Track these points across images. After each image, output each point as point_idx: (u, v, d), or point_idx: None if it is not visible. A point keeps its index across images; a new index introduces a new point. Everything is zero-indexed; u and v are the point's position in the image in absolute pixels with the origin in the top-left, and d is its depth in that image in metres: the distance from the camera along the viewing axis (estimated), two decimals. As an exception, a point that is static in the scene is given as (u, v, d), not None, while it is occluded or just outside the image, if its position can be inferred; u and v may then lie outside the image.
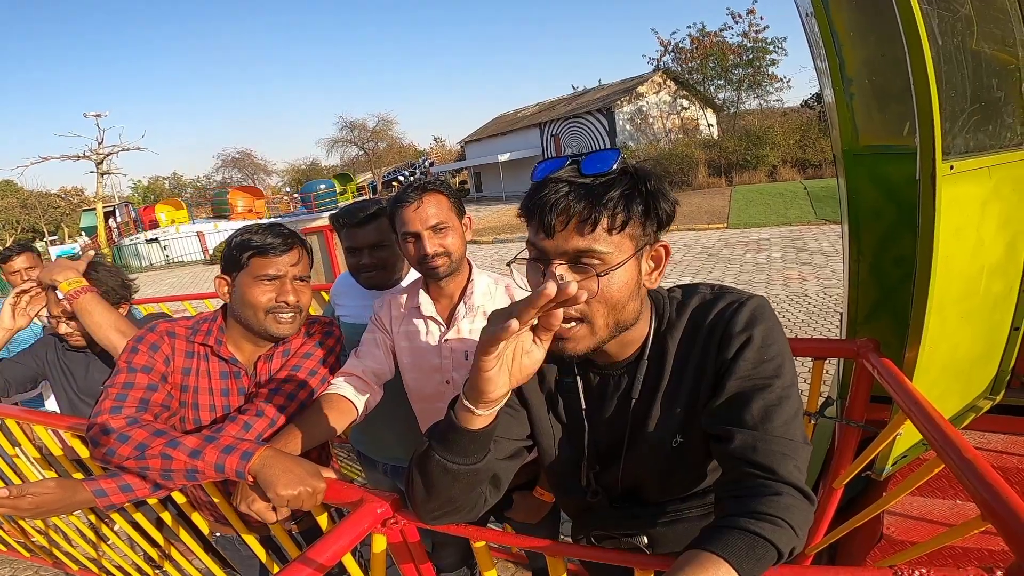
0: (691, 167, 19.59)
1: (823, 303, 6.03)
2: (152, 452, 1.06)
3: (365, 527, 0.87)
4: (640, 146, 23.78)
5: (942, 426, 1.01)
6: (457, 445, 0.77)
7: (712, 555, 0.63)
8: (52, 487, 1.10)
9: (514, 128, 30.43)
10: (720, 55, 23.91)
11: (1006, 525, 0.79)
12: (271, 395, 1.25)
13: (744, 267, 8.37)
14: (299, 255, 1.29)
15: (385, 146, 42.56)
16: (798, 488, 0.70)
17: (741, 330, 0.81)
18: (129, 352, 1.25)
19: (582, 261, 0.77)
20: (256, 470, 1.02)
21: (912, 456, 1.67)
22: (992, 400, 1.71)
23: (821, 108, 20.96)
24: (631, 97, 25.22)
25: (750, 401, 0.77)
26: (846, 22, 1.19)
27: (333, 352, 1.38)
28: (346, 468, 3.23)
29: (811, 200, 13.47)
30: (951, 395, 1.59)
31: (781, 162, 18.53)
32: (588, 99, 28.13)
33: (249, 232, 1.28)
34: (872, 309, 1.68)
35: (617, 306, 0.79)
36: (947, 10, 0.93)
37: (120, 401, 1.15)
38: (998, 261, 1.31)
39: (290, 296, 1.25)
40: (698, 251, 10.13)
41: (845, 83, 1.25)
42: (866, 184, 1.40)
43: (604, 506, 0.98)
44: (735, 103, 25.35)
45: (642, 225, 0.79)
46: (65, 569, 2.48)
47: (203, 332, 1.31)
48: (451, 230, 1.35)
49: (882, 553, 1.69)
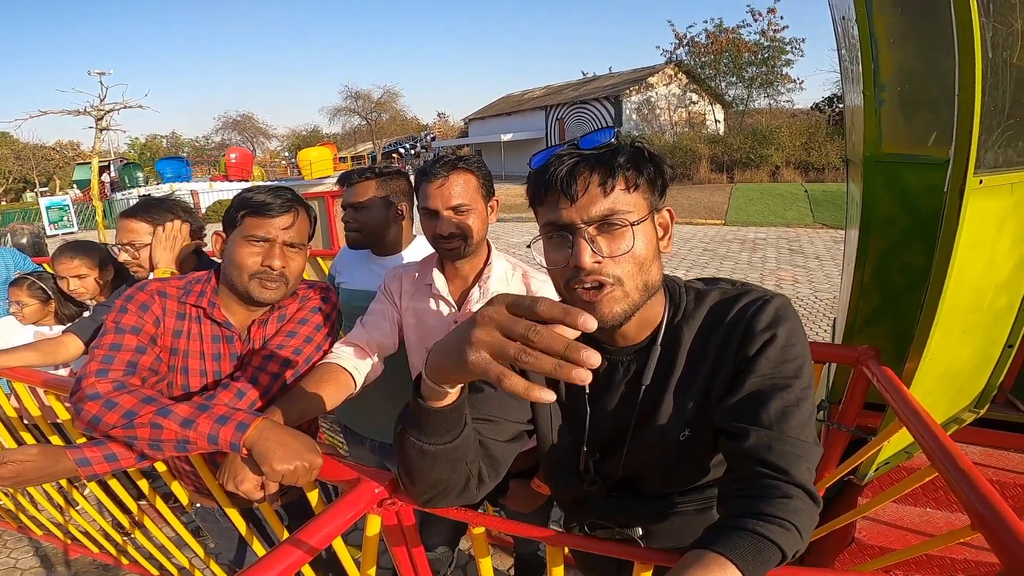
0: (694, 161, 19.50)
1: (813, 306, 6.07)
2: (141, 421, 1.01)
3: (361, 507, 0.85)
4: (645, 136, 23.53)
5: (940, 438, 1.02)
6: (430, 425, 0.74)
7: (719, 556, 0.63)
8: (34, 454, 1.04)
9: (519, 109, 30.07)
10: (735, 52, 23.64)
11: (998, 537, 0.80)
12: (265, 362, 1.21)
13: (739, 265, 8.38)
14: (294, 219, 1.21)
15: (388, 118, 42.03)
16: (808, 491, 0.70)
17: (765, 328, 0.80)
18: (118, 311, 1.18)
19: (609, 222, 0.78)
20: (251, 442, 0.97)
21: (894, 463, 1.69)
22: (976, 413, 1.72)
23: (832, 112, 20.85)
24: (640, 87, 24.94)
25: (768, 400, 0.76)
26: (887, 28, 1.16)
27: (330, 318, 1.33)
28: (328, 440, 3.17)
29: (811, 203, 13.46)
30: (940, 405, 1.60)
31: (784, 163, 18.47)
32: (597, 86, 27.79)
33: (253, 191, 1.22)
34: (872, 315, 1.68)
35: (644, 265, 0.80)
36: (1001, 23, 0.91)
37: (107, 363, 1.09)
38: (1006, 278, 1.31)
39: (276, 261, 1.17)
40: (694, 245, 10.12)
41: (877, 89, 1.23)
42: (882, 191, 1.39)
43: (601, 495, 0.97)
44: (745, 101, 25.14)
45: (651, 187, 0.81)
46: (29, 534, 2.42)
47: (195, 293, 1.25)
48: (473, 212, 1.31)
49: (852, 556, 1.71)
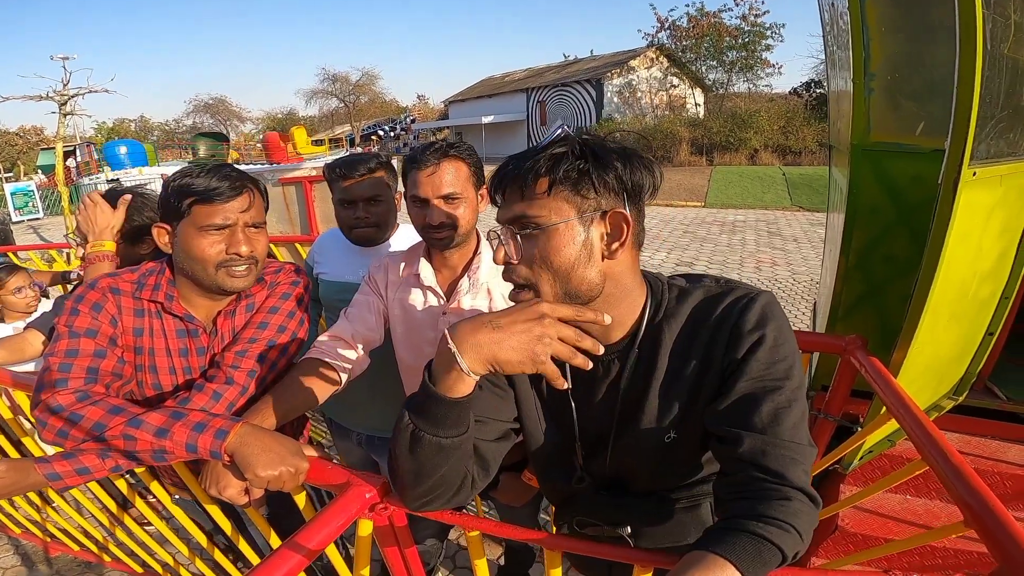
0: (674, 144, 19.58)
1: (792, 288, 6.17)
2: (112, 433, 0.95)
3: (352, 512, 0.83)
4: (626, 119, 23.57)
5: (929, 429, 1.02)
6: (449, 418, 0.74)
7: (718, 557, 0.63)
8: (2, 471, 0.99)
9: (500, 91, 29.77)
10: (716, 36, 23.65)
11: (990, 533, 0.80)
12: (239, 358, 1.13)
13: (719, 247, 8.47)
14: (250, 199, 1.12)
15: (367, 100, 41.27)
16: (806, 493, 0.69)
17: (752, 328, 0.78)
18: (69, 314, 1.08)
19: (521, 225, 0.78)
20: (233, 449, 0.93)
21: (878, 451, 1.71)
22: (955, 400, 1.75)
23: (810, 96, 21.03)
24: (622, 70, 24.85)
25: (760, 403, 0.75)
26: (879, 17, 1.15)
27: (302, 303, 1.25)
28: (313, 433, 3.15)
29: (788, 186, 13.63)
30: (923, 393, 1.63)
31: (763, 146, 18.64)
32: (578, 68, 27.62)
33: (189, 175, 1.09)
34: (857, 302, 1.69)
35: (561, 271, 0.77)
36: (1000, 15, 0.90)
37: (64, 372, 1.01)
38: (991, 267, 1.32)
39: (242, 247, 1.09)
40: (674, 227, 10.20)
41: (867, 77, 1.22)
42: (869, 179, 1.39)
43: (589, 493, 0.97)
44: (724, 84, 25.24)
45: (576, 189, 0.76)
46: (7, 532, 2.36)
47: (150, 287, 1.14)
48: (463, 201, 1.27)
49: (836, 544, 1.74)
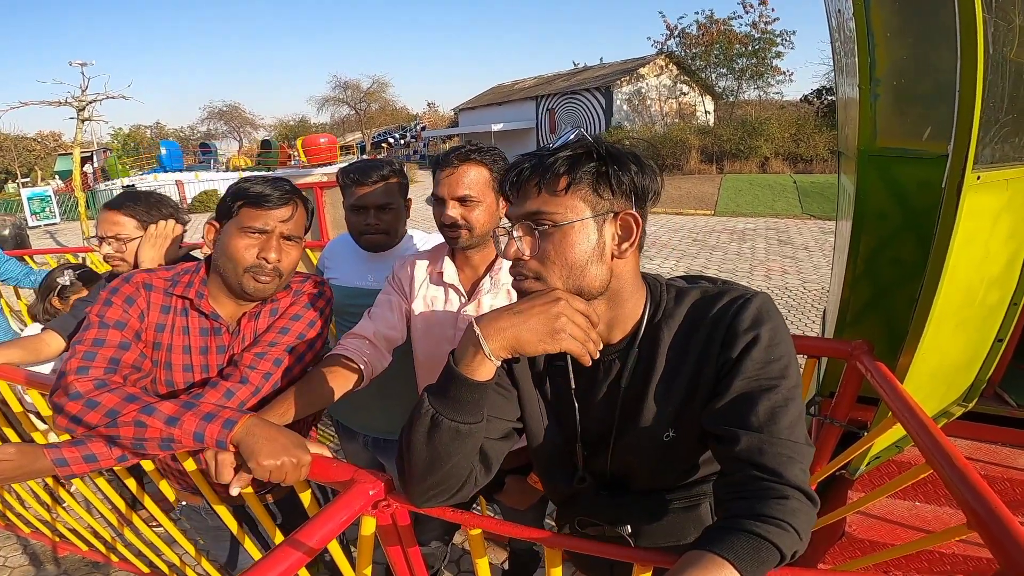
0: (684, 152, 19.50)
1: (802, 297, 6.12)
2: (124, 419, 0.98)
3: (356, 509, 0.84)
4: (635, 127, 23.55)
5: (935, 435, 1.02)
6: (470, 403, 0.78)
7: (716, 557, 0.63)
8: (12, 453, 1.02)
9: (510, 99, 29.86)
10: (726, 43, 23.62)
11: (994, 537, 0.80)
12: (257, 359, 1.17)
13: (728, 255, 8.43)
14: (292, 211, 1.19)
15: (377, 108, 41.67)
16: (803, 492, 0.70)
17: (748, 328, 0.79)
18: (102, 304, 1.13)
19: (535, 222, 0.80)
20: (239, 439, 0.96)
21: (885, 457, 1.70)
22: (965, 407, 1.74)
23: (821, 104, 20.91)
24: (631, 78, 24.84)
25: (756, 402, 0.75)
26: (884, 22, 1.16)
27: (324, 314, 1.30)
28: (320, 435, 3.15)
29: (799, 194, 13.52)
30: (931, 399, 1.61)
31: (773, 154, 18.50)
32: (588, 76, 27.64)
33: (250, 181, 1.19)
34: (864, 308, 1.68)
35: (574, 268, 0.79)
36: (1003, 19, 0.90)
37: (88, 360, 1.06)
38: (999, 273, 1.31)
39: (272, 254, 1.15)
40: (684, 235, 10.16)
41: (873, 83, 1.22)
42: (876, 185, 1.39)
43: (591, 493, 0.98)
44: (734, 92, 25.17)
45: (593, 188, 0.79)
46: (17, 531, 2.38)
47: (183, 284, 1.21)
48: (480, 204, 1.30)
49: (843, 550, 1.72)
